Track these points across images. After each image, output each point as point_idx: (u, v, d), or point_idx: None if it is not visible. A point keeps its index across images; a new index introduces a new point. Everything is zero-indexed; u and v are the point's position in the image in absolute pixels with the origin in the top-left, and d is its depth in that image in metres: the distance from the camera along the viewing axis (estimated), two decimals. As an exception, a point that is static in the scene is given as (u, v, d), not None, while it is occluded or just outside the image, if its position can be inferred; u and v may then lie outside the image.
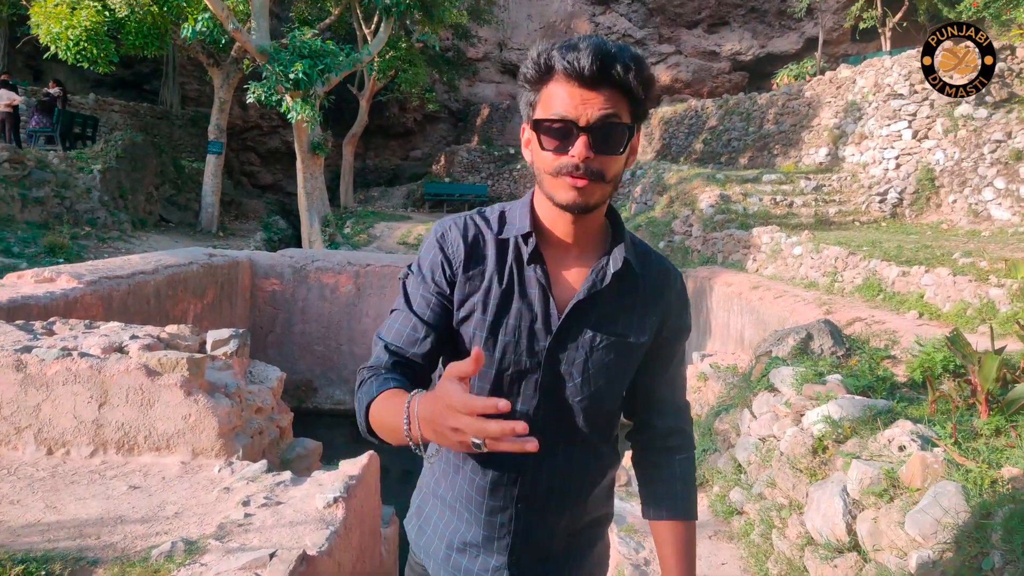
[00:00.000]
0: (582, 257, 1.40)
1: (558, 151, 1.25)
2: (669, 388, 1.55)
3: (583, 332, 1.36)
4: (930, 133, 11.69)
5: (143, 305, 7.27)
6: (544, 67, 1.26)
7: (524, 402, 1.37)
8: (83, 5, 14.33)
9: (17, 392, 3.97)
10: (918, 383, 4.21)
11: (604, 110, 1.22)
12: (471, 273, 1.38)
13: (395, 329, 1.39)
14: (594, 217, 1.37)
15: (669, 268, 1.49)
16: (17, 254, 10.69)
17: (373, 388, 1.28)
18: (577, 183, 1.24)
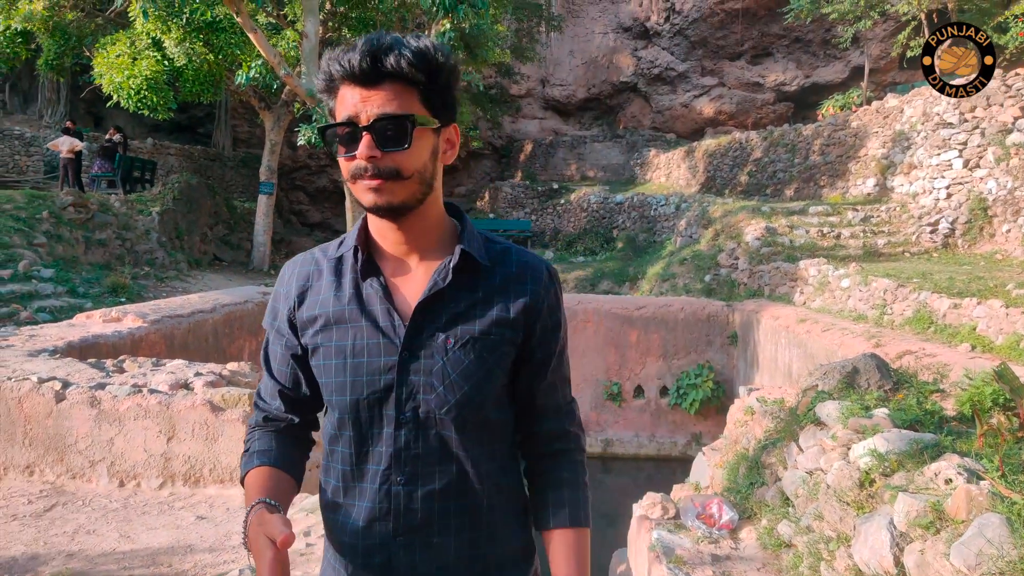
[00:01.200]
0: (423, 263, 1.33)
1: (348, 156, 1.21)
2: (550, 393, 1.43)
3: (434, 336, 1.27)
4: (981, 162, 11.54)
5: (202, 343, 7.56)
6: (327, 75, 1.23)
7: (388, 424, 1.27)
8: (144, 56, 15.11)
9: (92, 427, 4.20)
10: (967, 417, 4.19)
11: (383, 105, 1.18)
12: (307, 304, 1.34)
13: (264, 385, 1.42)
14: (422, 219, 1.30)
15: (534, 262, 1.39)
16: (82, 294, 11.15)
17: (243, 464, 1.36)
18: (371, 183, 1.20)
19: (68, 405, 4.25)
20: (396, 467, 1.27)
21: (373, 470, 1.28)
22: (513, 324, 1.32)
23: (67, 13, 15.91)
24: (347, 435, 1.30)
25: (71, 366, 4.83)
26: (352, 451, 1.29)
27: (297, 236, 24.05)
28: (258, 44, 13.31)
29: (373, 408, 1.27)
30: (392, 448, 1.27)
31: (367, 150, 1.18)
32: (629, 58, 27.79)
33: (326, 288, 1.34)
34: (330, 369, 1.29)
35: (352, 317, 1.29)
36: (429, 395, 1.26)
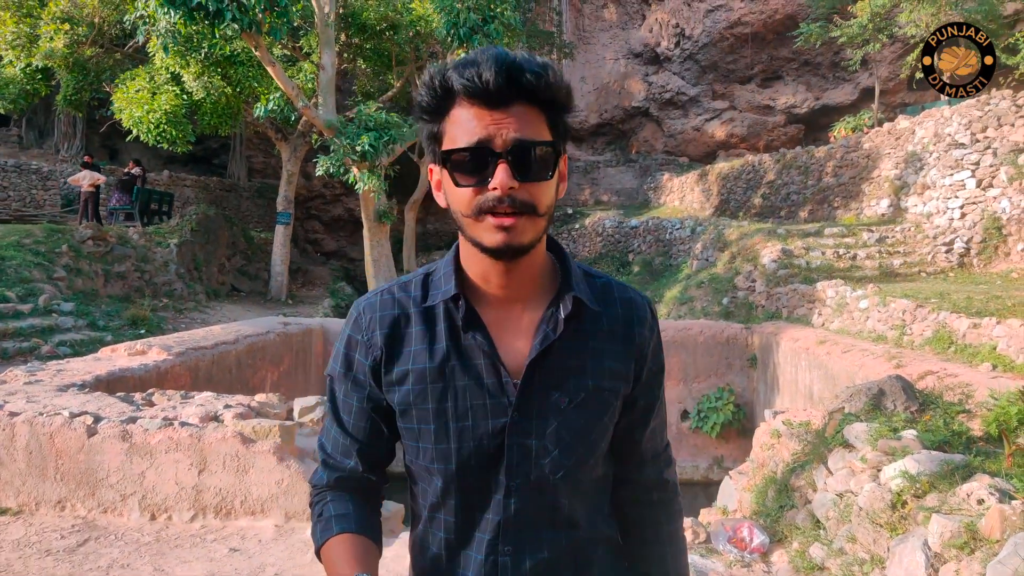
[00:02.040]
0: (529, 309, 1.18)
1: (478, 186, 1.05)
2: (650, 439, 1.32)
3: (548, 395, 1.14)
4: (994, 182, 11.55)
5: (226, 374, 7.63)
6: (441, 90, 1.07)
7: (497, 490, 1.15)
8: (163, 90, 15.38)
9: (123, 461, 4.25)
10: (994, 437, 4.19)
11: (521, 130, 1.04)
12: (397, 361, 1.18)
13: (331, 436, 1.26)
14: (532, 260, 1.15)
15: (634, 298, 1.27)
16: (102, 327, 11.27)
17: (317, 532, 1.21)
18: (504, 221, 1.04)
19: (100, 439, 4.30)
20: (504, 537, 1.16)
21: (479, 538, 1.17)
22: (625, 376, 1.21)
23: (86, 50, 16.21)
24: (451, 503, 1.18)
25: (101, 400, 4.89)
26: (456, 519, 1.18)
27: (313, 265, 24.21)
28: (276, 77, 13.54)
29: (481, 475, 1.15)
30: (500, 516, 1.16)
31: (508, 180, 1.03)
32: (640, 83, 28.00)
33: (417, 339, 1.18)
34: (428, 435, 1.15)
35: (452, 375, 1.15)
36: (543, 459, 1.15)
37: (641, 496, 1.34)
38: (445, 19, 14.90)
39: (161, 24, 12.28)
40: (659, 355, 1.29)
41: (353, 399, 1.22)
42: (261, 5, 11.73)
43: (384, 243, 16.89)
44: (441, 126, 1.09)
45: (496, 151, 1.03)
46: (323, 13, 14.51)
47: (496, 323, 1.17)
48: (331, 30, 14.87)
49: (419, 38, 17.69)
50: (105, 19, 15.91)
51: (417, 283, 1.23)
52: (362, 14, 16.84)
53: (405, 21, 17.00)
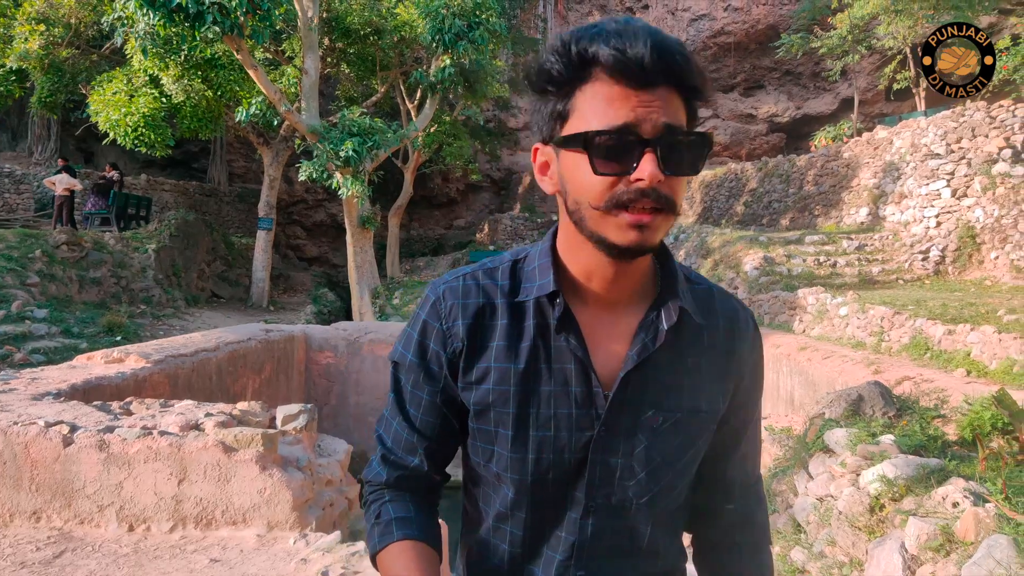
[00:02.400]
0: (626, 313, 1.06)
1: (615, 174, 0.91)
2: (739, 467, 1.19)
3: (640, 412, 1.02)
4: (969, 191, 11.74)
5: (206, 382, 7.56)
6: (578, 60, 0.92)
7: (574, 508, 1.05)
8: (141, 93, 15.21)
9: (100, 471, 4.20)
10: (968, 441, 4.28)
11: (670, 116, 0.91)
12: (479, 357, 1.06)
13: (393, 430, 1.14)
14: (643, 260, 1.04)
15: (739, 309, 1.13)
16: (77, 334, 11.10)
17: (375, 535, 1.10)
18: (642, 219, 0.91)
19: (76, 449, 4.25)
20: (577, 560, 1.06)
21: (548, 556, 1.08)
22: (723, 393, 1.09)
23: (62, 51, 15.99)
24: (520, 516, 1.08)
25: (77, 409, 4.83)
26: (525, 534, 1.08)
27: (295, 271, 24.12)
28: (259, 81, 13.47)
29: (557, 489, 1.05)
30: (576, 538, 1.06)
31: (657, 171, 0.89)
32: (623, 91, 28.11)
33: (502, 334, 1.05)
34: (504, 440, 1.04)
35: (538, 379, 1.03)
36: (628, 481, 1.04)
37: (722, 536, 1.20)
38: (430, 25, 14.94)
39: (140, 26, 12.13)
40: (758, 372, 1.16)
41: (423, 392, 1.10)
42: (243, 8, 11.65)
43: (368, 249, 16.85)
44: (571, 102, 0.94)
45: (644, 138, 0.90)
46: (306, 17, 14.46)
47: (591, 325, 1.05)
48: (314, 34, 14.82)
49: (404, 43, 17.69)
50: (82, 20, 15.70)
51: (505, 271, 1.10)
52: (346, 18, 16.80)
53: (390, 26, 16.98)
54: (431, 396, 1.10)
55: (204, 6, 11.43)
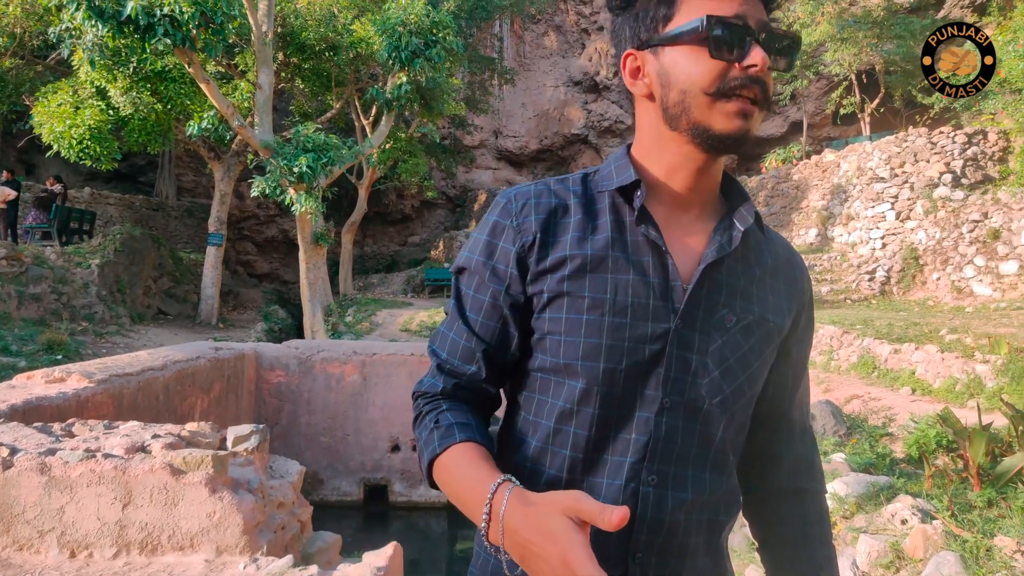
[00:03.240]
0: (700, 218, 1.09)
1: (731, 59, 0.96)
2: (800, 408, 1.19)
3: (715, 309, 1.03)
4: (912, 214, 12.14)
5: (152, 402, 7.37)
6: None
7: (646, 407, 1.01)
8: (87, 104, 14.81)
9: (41, 496, 4.05)
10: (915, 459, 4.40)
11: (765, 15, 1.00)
12: (552, 247, 1.05)
13: (449, 340, 1.11)
14: (720, 165, 1.08)
15: (792, 247, 1.19)
16: (15, 352, 10.75)
17: (435, 439, 1.03)
18: (747, 107, 0.97)
19: (16, 473, 4.10)
20: (650, 463, 1.02)
21: (616, 462, 1.02)
22: (787, 312, 1.11)
23: (5, 61, 15.55)
24: (589, 412, 1.02)
25: (17, 431, 4.66)
26: (591, 434, 1.03)
27: (245, 287, 23.70)
28: (211, 95, 13.26)
29: (628, 383, 1.01)
30: (648, 437, 1.01)
31: (767, 59, 0.96)
32: (579, 111, 28.47)
33: (577, 227, 1.05)
34: (578, 326, 1.01)
35: (616, 266, 1.02)
36: (702, 379, 1.02)
37: (784, 482, 1.19)
38: (387, 42, 14.91)
39: (88, 37, 11.85)
40: (812, 313, 1.19)
41: (486, 294, 1.08)
42: (195, 21, 11.46)
43: (321, 266, 16.66)
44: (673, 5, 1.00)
45: (752, 29, 0.97)
46: (260, 31, 14.31)
47: (666, 223, 1.06)
48: (269, 49, 14.67)
49: (359, 60, 17.61)
50: (27, 30, 15.27)
51: (576, 180, 1.12)
52: (301, 34, 16.68)
53: (345, 43, 16.89)
54: (493, 298, 1.08)
55: (155, 18, 11.21)
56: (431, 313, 17.42)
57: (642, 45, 1.04)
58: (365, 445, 9.86)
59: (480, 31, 25.06)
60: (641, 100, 1.07)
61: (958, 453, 4.09)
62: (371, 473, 9.60)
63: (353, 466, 9.88)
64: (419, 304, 19.71)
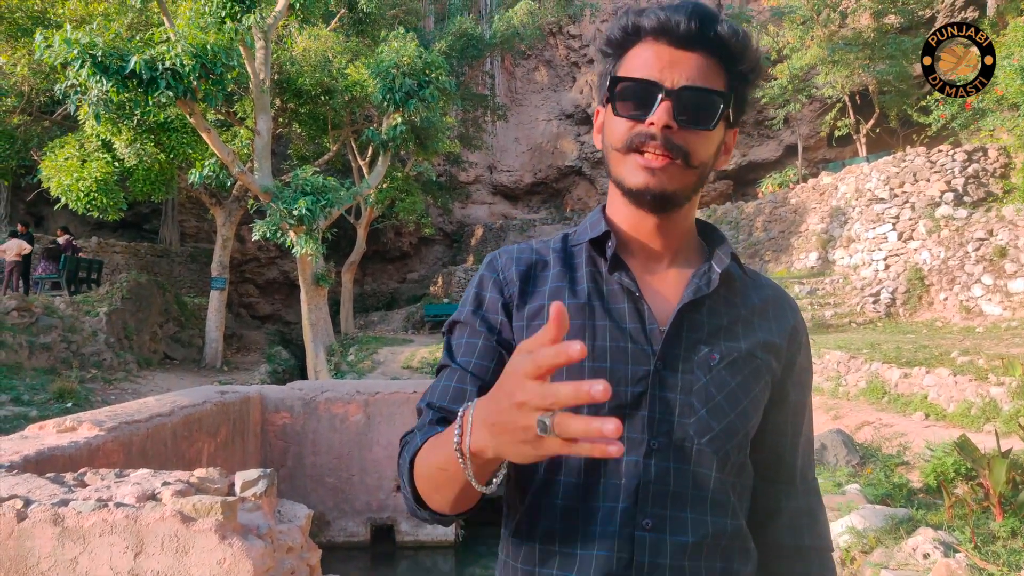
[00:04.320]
0: (674, 265, 1.12)
1: (634, 118, 1.01)
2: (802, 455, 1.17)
3: (696, 348, 1.04)
4: (914, 234, 12.14)
5: (160, 448, 7.35)
6: (631, 28, 1.04)
7: (633, 450, 1.01)
8: (93, 157, 15.08)
9: (55, 546, 4.03)
10: (933, 488, 4.32)
11: (694, 75, 1.00)
12: (532, 296, 1.09)
13: (439, 387, 1.09)
14: (682, 217, 1.10)
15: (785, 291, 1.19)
16: (27, 401, 10.77)
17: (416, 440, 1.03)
18: (652, 162, 1.00)
19: (30, 524, 4.09)
20: (642, 507, 1.00)
21: (608, 508, 1.01)
22: (778, 350, 1.11)
23: (14, 118, 15.82)
24: (576, 460, 1.02)
25: (31, 482, 4.65)
26: (581, 481, 1.02)
27: (248, 330, 23.70)
28: (211, 143, 13.45)
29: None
30: (637, 480, 1.00)
31: (666, 117, 0.98)
32: (573, 143, 28.70)
33: (555, 278, 1.10)
34: (559, 373, 0.95)
35: (592, 314, 1.05)
36: (688, 418, 1.02)
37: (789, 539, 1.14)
38: (381, 84, 15.11)
39: (93, 92, 12.09)
40: (809, 356, 1.18)
41: (479, 338, 1.10)
42: (196, 73, 11.70)
43: (322, 306, 16.69)
44: (619, 63, 1.06)
45: (665, 88, 0.99)
46: (258, 80, 14.53)
47: (642, 271, 1.10)
48: (266, 96, 14.89)
49: (355, 102, 17.84)
50: (34, 88, 15.59)
51: (557, 239, 1.18)
52: (297, 80, 16.92)
53: (341, 86, 17.13)
54: (487, 340, 1.10)
55: (157, 72, 11.46)
56: (432, 349, 17.40)
57: (602, 102, 1.10)
58: (371, 485, 9.79)
59: (472, 69, 25.38)
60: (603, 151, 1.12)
61: (977, 481, 4.01)
62: (377, 513, 9.53)
63: (359, 506, 9.80)
64: (420, 340, 19.67)
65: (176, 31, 12.43)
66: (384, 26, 19.84)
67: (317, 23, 17.28)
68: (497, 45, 24.05)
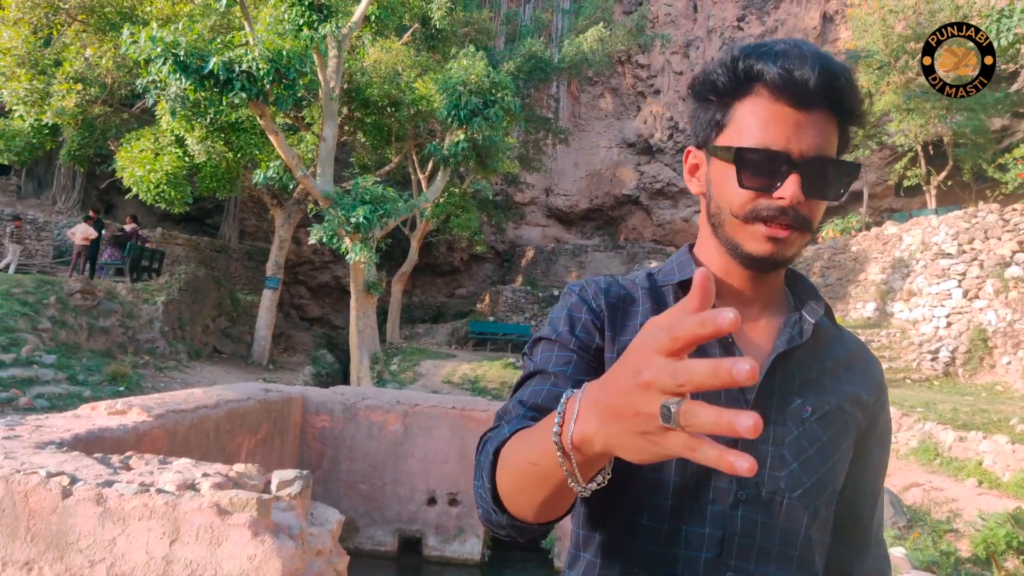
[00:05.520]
0: (764, 313, 1.08)
1: (759, 189, 0.95)
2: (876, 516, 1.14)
3: (788, 399, 1.01)
4: (981, 293, 11.78)
5: (203, 439, 7.48)
6: (744, 75, 0.96)
7: (720, 499, 0.97)
8: (166, 151, 15.58)
9: (95, 526, 4.12)
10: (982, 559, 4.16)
11: (819, 141, 0.94)
12: (622, 332, 1.05)
13: (531, 390, 1.01)
14: (776, 278, 1.08)
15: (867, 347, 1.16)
16: (81, 381, 11.08)
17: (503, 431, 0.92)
18: (777, 233, 0.96)
19: (74, 502, 4.18)
20: (726, 559, 0.96)
21: (690, 557, 0.97)
22: (865, 406, 1.08)
23: (95, 108, 16.44)
24: (661, 504, 0.98)
25: (78, 461, 4.77)
26: (666, 527, 0.98)
27: (296, 330, 24.06)
28: (278, 146, 13.76)
29: (701, 476, 0.97)
30: (723, 531, 0.97)
31: (799, 193, 0.93)
32: (632, 172, 28.63)
33: (644, 315, 1.06)
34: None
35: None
36: (779, 471, 0.98)
37: None
38: (447, 100, 15.31)
39: (171, 89, 12.52)
40: (889, 413, 1.16)
41: (574, 354, 1.03)
42: (269, 77, 12.02)
43: (370, 313, 16.87)
44: (729, 113, 0.99)
45: (793, 159, 0.94)
46: (328, 87, 14.85)
47: None
48: (335, 104, 15.20)
49: (419, 116, 18.11)
50: (117, 80, 16.21)
51: (642, 276, 1.14)
52: (366, 90, 17.24)
53: (407, 100, 17.41)
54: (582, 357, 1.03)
55: (233, 74, 11.83)
56: (474, 366, 17.43)
57: (699, 145, 1.06)
58: (402, 496, 9.81)
59: (537, 91, 25.57)
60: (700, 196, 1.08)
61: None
62: (407, 524, 9.54)
63: (389, 516, 9.82)
64: (462, 356, 19.74)
65: (255, 36, 12.79)
66: (455, 43, 20.16)
67: (390, 36, 17.63)
68: (565, 69, 24.20)
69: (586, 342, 1.04)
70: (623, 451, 0.66)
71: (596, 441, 0.68)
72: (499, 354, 20.28)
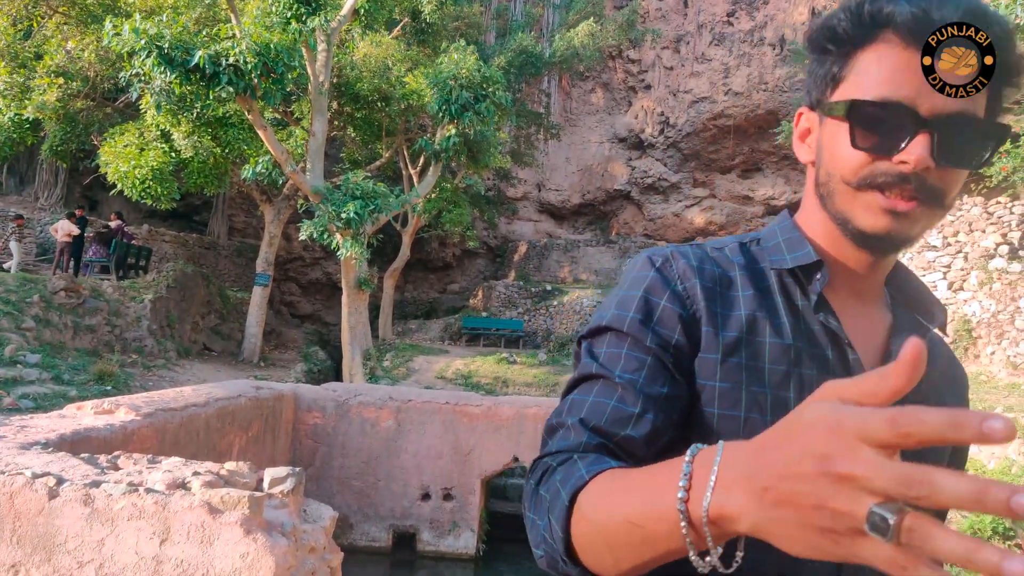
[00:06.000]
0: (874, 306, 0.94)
1: (877, 151, 0.80)
2: None
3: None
4: (965, 285, 11.88)
5: (193, 438, 7.46)
6: (870, 18, 0.81)
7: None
8: (151, 146, 15.44)
9: (83, 527, 4.10)
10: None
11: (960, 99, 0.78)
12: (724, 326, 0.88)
13: (592, 403, 0.85)
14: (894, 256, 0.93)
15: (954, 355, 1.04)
16: (67, 381, 10.99)
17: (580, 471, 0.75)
18: (899, 205, 0.80)
19: (61, 503, 4.16)
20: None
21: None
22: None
23: (78, 103, 16.27)
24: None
25: (64, 461, 4.75)
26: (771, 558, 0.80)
27: (287, 327, 24.00)
28: (267, 141, 13.69)
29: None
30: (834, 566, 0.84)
31: (926, 157, 0.77)
32: (623, 167, 28.65)
33: (748, 304, 0.90)
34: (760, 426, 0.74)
35: (799, 361, 0.87)
36: None
37: None
38: (438, 95, 15.27)
39: (156, 83, 12.39)
40: None
41: (648, 355, 0.87)
42: (257, 71, 11.94)
43: (362, 310, 16.84)
44: (847, 65, 0.84)
45: (922, 117, 0.78)
46: (317, 82, 14.78)
47: (840, 308, 0.91)
48: (324, 98, 15.14)
49: (410, 111, 18.05)
50: (99, 74, 16.02)
51: (734, 248, 0.96)
52: (356, 85, 17.17)
53: (398, 94, 17.35)
54: (658, 360, 0.87)
55: (220, 67, 11.73)
56: (467, 362, 17.43)
57: (813, 105, 0.91)
58: (396, 491, 9.82)
59: (528, 86, 25.53)
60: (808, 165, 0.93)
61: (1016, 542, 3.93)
62: (400, 520, 9.55)
63: (383, 512, 9.84)
64: (455, 352, 19.74)
65: (242, 29, 12.72)
66: (445, 37, 20.10)
67: (380, 30, 17.54)
68: (556, 64, 24.17)
69: (665, 338, 0.88)
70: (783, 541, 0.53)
71: (742, 521, 0.55)
72: (492, 349, 20.29)
